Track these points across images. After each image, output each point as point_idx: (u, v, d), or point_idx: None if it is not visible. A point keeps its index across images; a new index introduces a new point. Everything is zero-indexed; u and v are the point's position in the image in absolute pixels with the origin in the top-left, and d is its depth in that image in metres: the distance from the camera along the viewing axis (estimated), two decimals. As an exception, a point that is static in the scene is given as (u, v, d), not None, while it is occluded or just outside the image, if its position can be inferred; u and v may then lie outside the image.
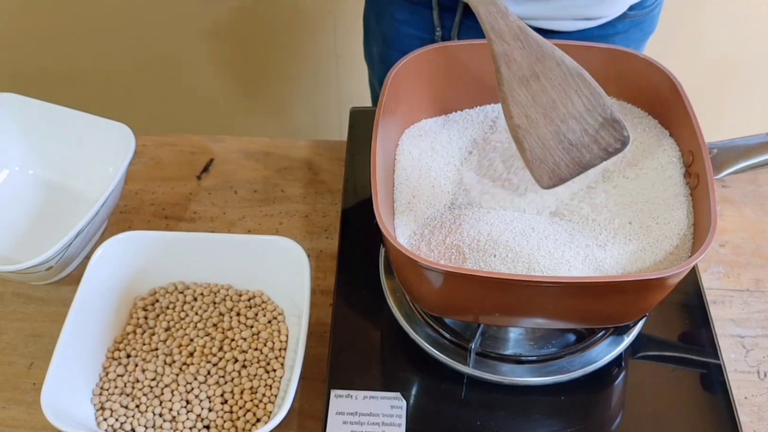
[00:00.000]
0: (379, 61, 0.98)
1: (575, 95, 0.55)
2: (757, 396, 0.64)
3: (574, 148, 0.55)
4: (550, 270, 0.56)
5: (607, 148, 0.56)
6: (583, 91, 0.55)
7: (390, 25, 0.90)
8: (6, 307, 0.72)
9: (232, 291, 0.69)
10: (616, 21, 0.81)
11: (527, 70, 0.53)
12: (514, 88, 0.53)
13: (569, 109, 0.55)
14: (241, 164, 0.84)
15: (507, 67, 0.53)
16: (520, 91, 0.54)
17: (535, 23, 0.79)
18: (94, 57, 1.45)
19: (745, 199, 0.80)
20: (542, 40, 0.54)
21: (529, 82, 0.54)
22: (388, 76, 0.61)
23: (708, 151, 0.56)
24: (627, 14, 0.81)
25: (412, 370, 0.63)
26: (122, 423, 0.61)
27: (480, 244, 0.57)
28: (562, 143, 0.55)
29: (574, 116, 0.55)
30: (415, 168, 0.63)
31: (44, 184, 0.79)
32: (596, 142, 0.56)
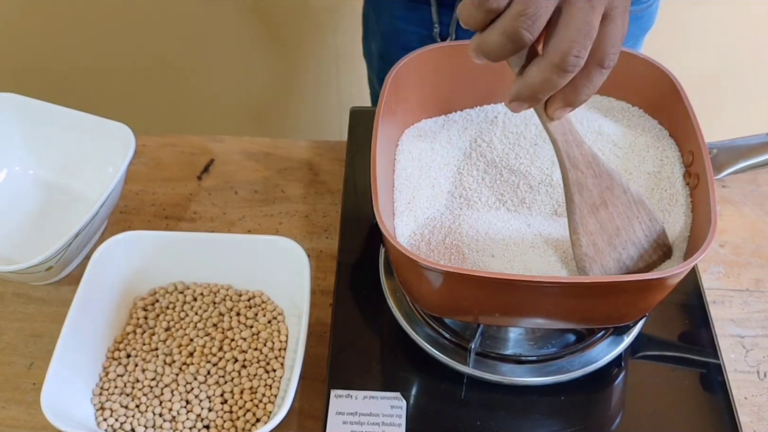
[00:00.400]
0: (378, 58, 0.98)
1: (637, 222, 0.55)
2: (757, 396, 0.64)
3: (629, 272, 0.55)
4: (548, 270, 0.56)
5: (651, 265, 0.56)
6: (643, 218, 0.55)
7: (389, 21, 0.90)
8: (6, 307, 0.72)
9: (232, 291, 0.69)
10: None
11: (597, 199, 0.53)
12: (585, 216, 0.53)
13: (631, 236, 0.55)
14: (242, 164, 0.84)
15: (580, 195, 0.52)
16: (590, 219, 0.53)
17: None
18: (95, 57, 1.45)
19: (745, 199, 0.80)
20: (611, 168, 0.53)
21: (598, 210, 0.53)
22: (388, 76, 0.61)
23: (708, 151, 0.56)
24: None
25: (412, 370, 0.63)
26: (122, 423, 0.61)
27: (479, 244, 0.57)
28: (621, 269, 0.55)
29: (634, 243, 0.55)
30: (415, 168, 0.63)
31: (44, 184, 0.79)
32: (646, 264, 0.56)
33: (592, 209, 0.53)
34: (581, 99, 0.46)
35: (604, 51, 0.43)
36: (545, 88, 0.44)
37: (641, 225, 0.55)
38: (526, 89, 0.44)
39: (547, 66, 0.43)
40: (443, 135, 0.65)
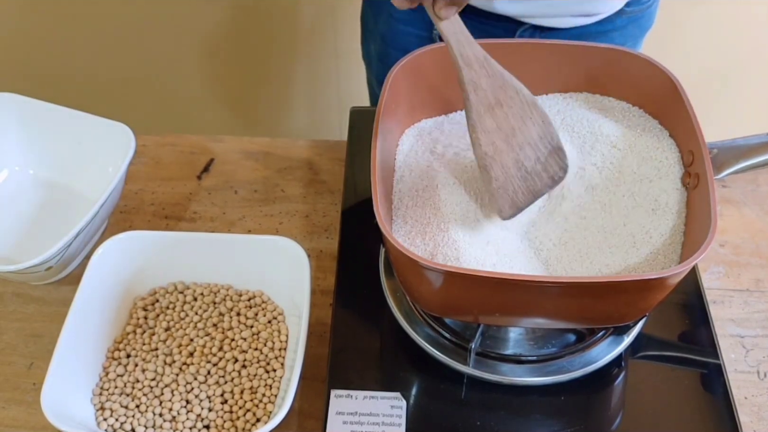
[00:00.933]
0: (377, 60, 0.98)
1: (531, 123, 0.56)
2: (757, 396, 0.64)
3: (529, 176, 0.57)
4: (544, 269, 0.56)
5: (554, 176, 0.58)
6: (536, 119, 0.56)
7: (388, 23, 0.90)
8: (6, 307, 0.72)
9: (232, 291, 0.69)
10: (614, 17, 0.81)
11: (492, 98, 0.54)
12: (482, 114, 0.54)
13: (526, 136, 0.56)
14: (241, 164, 0.84)
15: (475, 94, 0.54)
16: (487, 118, 0.54)
17: (533, 21, 0.79)
18: (95, 57, 1.45)
19: (745, 199, 0.80)
20: (503, 69, 0.55)
21: (494, 109, 0.54)
22: (388, 77, 0.61)
23: (708, 151, 0.56)
24: (624, 10, 0.81)
25: (412, 370, 0.63)
26: (122, 423, 0.61)
27: (475, 242, 0.57)
28: (519, 171, 0.56)
29: (530, 143, 0.56)
30: (415, 168, 0.63)
31: (44, 184, 0.79)
32: (545, 170, 0.57)
33: (488, 108, 0.54)
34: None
35: None
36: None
37: (535, 126, 0.56)
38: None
39: None
40: (443, 135, 0.65)
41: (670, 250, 0.57)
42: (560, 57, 0.65)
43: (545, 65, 0.65)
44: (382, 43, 0.94)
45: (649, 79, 0.63)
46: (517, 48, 0.65)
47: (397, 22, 0.89)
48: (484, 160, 0.54)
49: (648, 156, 0.62)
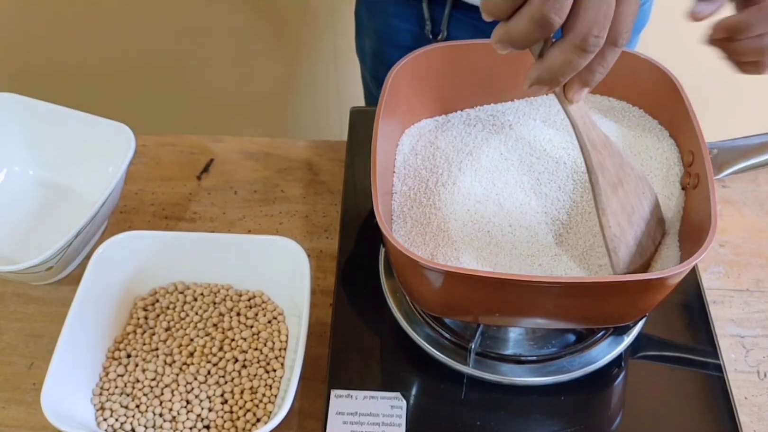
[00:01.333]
0: (371, 56, 0.98)
1: (644, 198, 0.55)
2: (757, 396, 0.64)
3: (643, 251, 0.56)
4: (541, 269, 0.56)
5: (656, 243, 0.57)
6: (647, 194, 0.56)
7: (382, 19, 0.90)
8: (6, 307, 0.72)
9: (232, 291, 0.69)
10: None
11: (615, 178, 0.53)
12: (609, 196, 0.53)
13: (642, 212, 0.55)
14: (241, 164, 0.84)
15: (603, 176, 0.53)
16: (613, 199, 0.53)
17: None
18: (95, 57, 1.45)
19: (745, 199, 0.80)
20: (620, 147, 0.54)
21: (617, 189, 0.53)
22: (388, 76, 0.61)
23: (708, 151, 0.56)
24: None
25: (412, 370, 0.63)
26: (122, 423, 0.61)
27: (474, 242, 0.57)
28: (638, 248, 0.55)
29: (644, 219, 0.55)
30: (415, 168, 0.63)
31: (44, 184, 0.79)
32: (654, 242, 0.56)
33: (613, 189, 0.53)
34: (596, 78, 0.47)
35: (618, 30, 0.44)
36: (566, 70, 0.45)
37: (647, 200, 0.56)
38: (548, 72, 0.45)
39: (568, 48, 0.43)
40: (443, 135, 0.65)
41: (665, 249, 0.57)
42: (560, 57, 0.65)
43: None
44: (377, 39, 0.94)
45: (649, 79, 0.63)
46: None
47: (392, 18, 0.89)
48: (614, 242, 0.53)
49: (647, 156, 0.62)
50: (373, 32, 0.94)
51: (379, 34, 0.93)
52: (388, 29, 0.90)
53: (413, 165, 0.63)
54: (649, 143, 0.62)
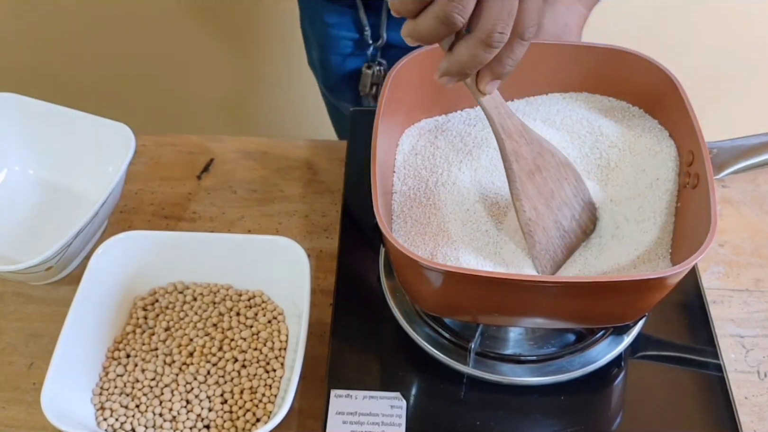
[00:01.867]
0: (320, 66, 1.00)
1: (566, 183, 0.57)
2: (757, 396, 0.64)
3: (566, 234, 0.57)
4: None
5: (586, 230, 0.59)
6: (570, 178, 0.58)
7: (322, 29, 0.92)
8: (6, 307, 0.72)
9: (232, 291, 0.69)
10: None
11: (532, 165, 0.55)
12: (524, 182, 0.55)
13: (563, 196, 0.57)
14: (241, 164, 0.84)
15: (517, 163, 0.55)
16: (528, 184, 0.55)
17: None
18: (95, 57, 1.45)
19: (744, 199, 0.80)
20: (539, 135, 0.56)
21: (534, 175, 0.55)
22: (388, 76, 0.61)
23: (708, 150, 0.56)
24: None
25: (412, 370, 0.63)
26: (122, 423, 0.61)
27: (473, 241, 0.57)
28: (558, 231, 0.57)
29: (566, 203, 0.57)
30: (415, 168, 0.63)
31: (44, 184, 0.79)
32: (579, 226, 0.58)
33: (529, 175, 0.55)
34: (507, 71, 0.49)
35: (524, 25, 0.46)
36: (473, 63, 0.47)
37: (570, 185, 0.58)
38: (456, 65, 0.47)
39: (474, 43, 0.45)
40: (443, 135, 0.65)
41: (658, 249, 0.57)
42: (560, 57, 0.65)
43: (545, 65, 0.65)
44: (321, 49, 0.95)
45: (649, 79, 0.63)
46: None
47: (331, 27, 0.91)
48: (528, 226, 0.55)
49: (648, 156, 0.62)
50: (316, 43, 0.96)
51: (321, 44, 0.94)
52: (330, 39, 0.92)
53: (413, 165, 0.63)
54: (649, 143, 0.62)
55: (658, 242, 0.58)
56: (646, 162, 0.61)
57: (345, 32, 0.90)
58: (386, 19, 0.86)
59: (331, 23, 0.90)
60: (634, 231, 0.58)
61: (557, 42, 0.65)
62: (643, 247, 0.57)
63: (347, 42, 0.91)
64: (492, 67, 0.49)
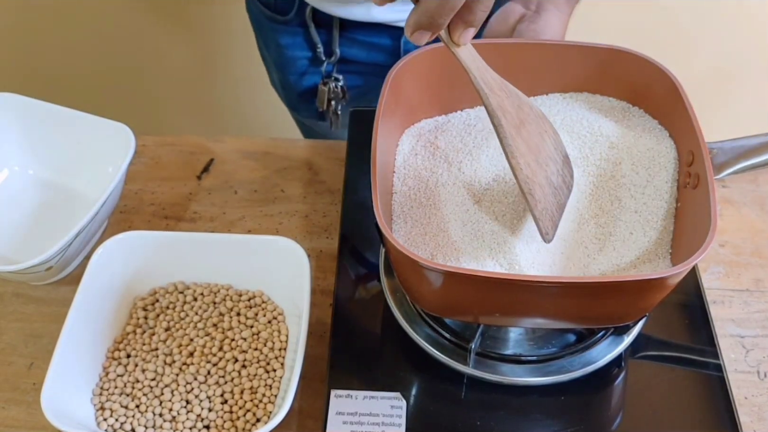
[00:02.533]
0: (281, 87, 1.01)
1: (546, 137, 0.55)
2: (757, 396, 0.64)
3: (556, 190, 0.55)
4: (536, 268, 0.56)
5: (569, 185, 0.57)
6: (549, 131, 0.55)
7: (277, 51, 0.93)
8: (6, 307, 0.72)
9: (232, 291, 0.69)
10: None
11: (516, 119, 0.53)
12: (515, 138, 0.52)
13: (547, 151, 0.55)
14: (241, 164, 0.84)
15: (505, 118, 0.52)
16: (519, 140, 0.53)
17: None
18: (94, 57, 1.45)
19: (745, 199, 0.80)
20: (515, 88, 0.54)
21: (520, 130, 0.53)
22: (388, 77, 0.61)
23: (708, 150, 0.56)
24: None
25: (412, 370, 0.63)
26: (122, 423, 0.61)
27: (473, 242, 0.57)
28: (550, 187, 0.54)
29: (551, 158, 0.55)
30: (415, 168, 0.63)
31: (44, 184, 0.79)
32: (564, 181, 0.56)
33: (517, 130, 0.53)
34: (478, 17, 0.48)
35: None
36: (443, 11, 0.46)
37: (549, 138, 0.55)
38: (425, 15, 0.46)
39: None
40: (443, 135, 0.65)
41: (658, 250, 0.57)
42: (560, 57, 0.65)
43: (545, 65, 0.65)
44: (278, 71, 0.96)
45: (649, 79, 0.63)
46: (517, 48, 0.65)
47: (285, 48, 0.92)
48: (528, 184, 0.52)
49: (648, 156, 0.62)
50: (273, 65, 0.97)
51: (278, 66, 0.95)
52: (285, 59, 0.93)
53: (413, 165, 0.63)
54: (649, 143, 0.62)
55: (658, 242, 0.58)
56: (646, 162, 0.61)
57: (299, 52, 0.91)
58: (338, 35, 0.87)
59: (284, 44, 0.91)
60: (634, 231, 0.58)
61: (557, 42, 0.65)
62: (643, 248, 0.57)
63: (302, 61, 0.92)
64: (463, 15, 0.47)
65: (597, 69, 0.65)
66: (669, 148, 0.62)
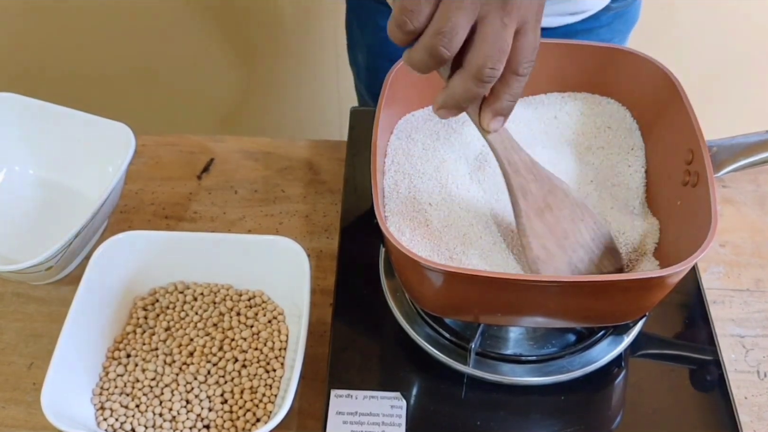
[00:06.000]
0: (365, 70, 0.98)
1: (582, 225, 0.56)
2: (757, 396, 0.64)
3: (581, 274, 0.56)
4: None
5: (602, 270, 0.57)
6: (588, 221, 0.56)
7: (374, 33, 0.91)
8: (6, 307, 0.71)
9: (232, 291, 0.69)
10: (600, 14, 0.81)
11: (542, 202, 0.54)
12: (532, 219, 0.54)
13: (578, 239, 0.56)
14: (241, 164, 0.84)
15: (525, 199, 0.54)
16: (537, 222, 0.54)
17: None
18: (94, 57, 1.45)
19: (745, 199, 0.80)
20: (550, 173, 0.55)
21: (544, 213, 0.54)
22: (388, 77, 0.61)
23: (708, 149, 0.56)
24: (610, 6, 0.81)
25: (412, 370, 0.63)
26: (122, 423, 0.61)
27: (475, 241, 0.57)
28: (572, 272, 0.55)
29: (583, 246, 0.56)
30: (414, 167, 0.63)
31: (44, 184, 0.79)
32: (598, 270, 0.57)
33: (538, 213, 0.54)
34: (506, 106, 0.49)
35: (518, 61, 0.47)
36: (467, 96, 0.47)
37: (587, 228, 0.56)
38: (450, 98, 0.48)
39: (466, 77, 0.46)
40: (442, 135, 0.65)
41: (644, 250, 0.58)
42: (558, 57, 0.65)
43: (544, 65, 0.65)
44: (369, 53, 0.94)
45: (648, 77, 0.62)
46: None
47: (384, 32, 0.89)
48: (536, 264, 0.54)
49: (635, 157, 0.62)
50: (365, 47, 0.94)
51: (371, 49, 0.93)
52: (381, 43, 0.90)
53: (413, 164, 0.63)
54: (646, 143, 0.62)
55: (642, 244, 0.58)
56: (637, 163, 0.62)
57: None
58: None
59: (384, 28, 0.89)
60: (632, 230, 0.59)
61: (557, 41, 0.65)
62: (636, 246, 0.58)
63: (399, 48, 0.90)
64: (491, 104, 0.49)
65: (596, 68, 0.65)
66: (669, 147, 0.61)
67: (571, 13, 0.79)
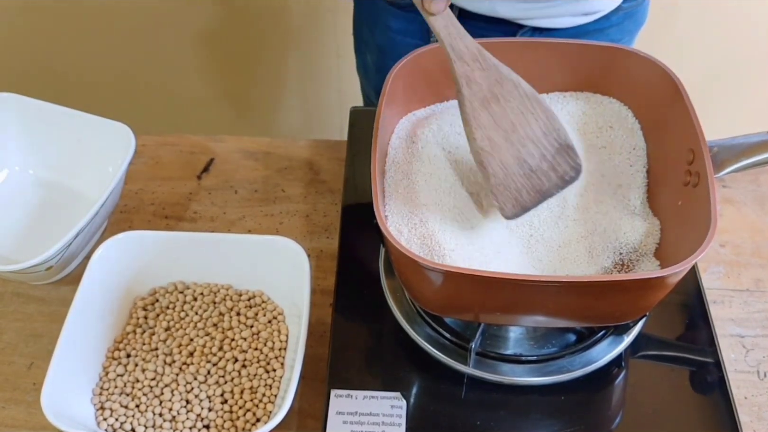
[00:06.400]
0: (375, 71, 0.98)
1: (532, 118, 0.54)
2: (757, 396, 0.64)
3: (534, 174, 0.55)
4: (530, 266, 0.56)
5: (564, 176, 0.57)
6: (539, 114, 0.55)
7: (384, 34, 0.91)
8: (6, 307, 0.72)
9: (232, 291, 0.69)
10: (611, 14, 0.82)
11: (488, 92, 0.53)
12: (476, 109, 0.53)
13: (528, 132, 0.54)
14: (242, 164, 0.84)
15: (469, 88, 0.53)
16: (482, 112, 0.53)
17: (533, 22, 0.79)
18: (94, 57, 1.45)
19: (745, 199, 0.80)
20: (499, 62, 0.54)
21: (490, 104, 0.53)
22: (388, 77, 0.61)
23: (708, 149, 0.56)
24: (621, 6, 0.82)
25: (412, 370, 0.63)
26: (122, 423, 0.61)
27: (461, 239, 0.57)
28: (522, 168, 0.54)
29: (533, 140, 0.55)
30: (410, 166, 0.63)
31: (44, 184, 0.79)
32: (554, 169, 0.56)
33: (483, 103, 0.53)
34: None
35: None
36: None
37: (537, 121, 0.55)
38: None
39: None
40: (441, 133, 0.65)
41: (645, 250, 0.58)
42: (560, 56, 0.65)
43: (545, 65, 0.65)
44: (380, 54, 0.93)
45: (649, 77, 0.62)
46: (517, 47, 0.65)
47: (394, 33, 0.89)
48: (480, 155, 0.53)
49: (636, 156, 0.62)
50: (375, 48, 0.94)
51: (381, 50, 0.93)
52: (391, 44, 0.90)
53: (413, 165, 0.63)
54: (648, 143, 0.62)
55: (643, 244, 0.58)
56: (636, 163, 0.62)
57: (409, 38, 0.88)
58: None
59: (396, 28, 0.89)
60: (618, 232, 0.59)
61: (558, 41, 0.65)
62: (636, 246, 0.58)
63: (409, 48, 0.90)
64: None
65: (597, 68, 0.65)
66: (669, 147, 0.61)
67: (585, 13, 0.79)
